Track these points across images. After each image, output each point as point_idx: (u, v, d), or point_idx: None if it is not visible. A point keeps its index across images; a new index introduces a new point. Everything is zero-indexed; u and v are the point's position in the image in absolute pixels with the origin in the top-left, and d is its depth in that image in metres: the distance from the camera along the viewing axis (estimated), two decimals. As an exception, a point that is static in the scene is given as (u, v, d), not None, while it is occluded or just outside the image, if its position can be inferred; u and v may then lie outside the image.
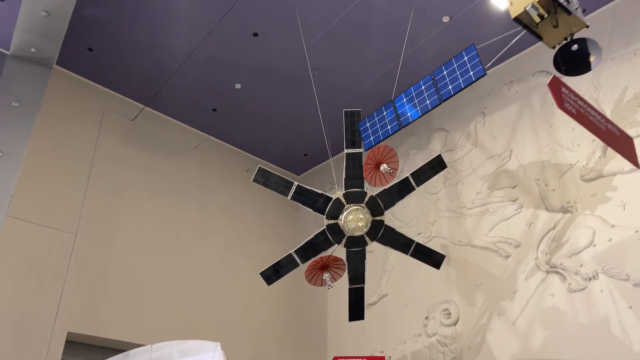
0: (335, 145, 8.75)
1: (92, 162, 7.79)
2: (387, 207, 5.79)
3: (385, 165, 5.54)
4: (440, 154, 5.85)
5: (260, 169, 5.63)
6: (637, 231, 5.69)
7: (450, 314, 7.20)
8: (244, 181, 9.89)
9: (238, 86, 8.39)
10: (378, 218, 5.76)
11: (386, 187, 5.75)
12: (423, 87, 4.54)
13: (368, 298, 8.27)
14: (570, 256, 6.20)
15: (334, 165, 7.14)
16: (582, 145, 6.52)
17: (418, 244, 5.95)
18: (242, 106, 8.86)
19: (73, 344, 6.93)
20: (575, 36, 4.42)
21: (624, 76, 6.37)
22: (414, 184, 5.80)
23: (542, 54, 7.36)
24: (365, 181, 5.66)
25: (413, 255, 5.98)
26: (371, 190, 5.77)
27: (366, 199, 5.69)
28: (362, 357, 6.15)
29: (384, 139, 4.91)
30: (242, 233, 9.46)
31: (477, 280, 7.09)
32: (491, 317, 6.76)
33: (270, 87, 8.41)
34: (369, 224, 5.67)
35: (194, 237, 8.69)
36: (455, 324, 7.11)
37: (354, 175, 5.65)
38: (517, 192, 7.06)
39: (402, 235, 5.91)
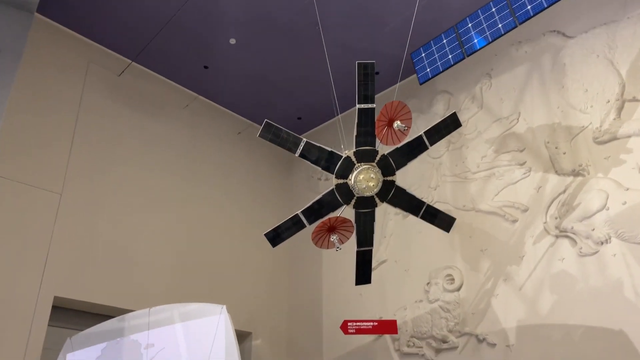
0: (333, 107, 8.45)
1: (77, 117, 7.30)
2: (399, 166, 5.49)
3: (398, 122, 5.25)
4: (455, 112, 5.54)
5: (267, 122, 5.27)
6: (652, 194, 5.55)
7: (453, 279, 7.04)
8: (235, 144, 9.53)
9: (233, 41, 7.92)
10: (389, 178, 5.47)
11: (398, 145, 5.45)
12: (494, 9, 4.03)
13: (366, 264, 8.08)
14: (582, 220, 6.05)
15: (341, 126, 6.80)
16: (596, 107, 6.32)
17: (429, 206, 5.70)
18: (235, 64, 8.41)
19: (60, 309, 6.56)
20: None
21: (641, 35, 6.15)
22: (427, 142, 5.50)
23: (554, 14, 7.10)
24: (376, 140, 5.35)
25: (423, 217, 5.73)
26: (382, 149, 5.47)
27: (377, 158, 5.39)
28: (373, 321, 5.93)
29: (444, 70, 4.49)
30: (234, 197, 9.12)
31: (481, 246, 6.92)
32: (497, 282, 6.62)
33: (267, 43, 7.97)
34: (380, 184, 5.38)
35: (184, 198, 8.31)
36: (458, 289, 6.96)
37: (366, 132, 5.31)
38: (525, 156, 6.86)
39: (413, 197, 5.64)
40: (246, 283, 8.60)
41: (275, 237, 5.49)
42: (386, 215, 8.15)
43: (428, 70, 4.29)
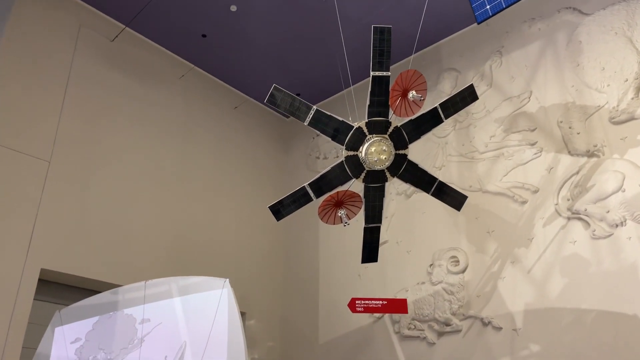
0: (338, 83, 8.13)
1: (67, 82, 6.89)
2: (412, 140, 5.23)
3: (413, 92, 4.97)
4: (472, 84, 5.28)
5: (275, 87, 4.93)
6: (672, 176, 5.36)
7: (458, 261, 6.83)
8: (232, 118, 9.19)
9: (233, 8, 7.54)
10: (401, 152, 5.20)
11: (412, 117, 5.18)
12: None
13: (365, 245, 7.84)
14: (596, 202, 5.85)
15: (353, 97, 6.50)
16: (613, 86, 6.10)
17: (441, 182, 5.44)
18: (235, 33, 8.03)
19: (47, 283, 6.21)
20: None
21: (663, 13, 5.92)
22: (442, 115, 5.24)
23: (569, -11, 6.86)
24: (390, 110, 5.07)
25: (434, 194, 5.48)
26: (395, 120, 5.19)
27: (390, 130, 5.11)
28: (382, 299, 5.69)
29: (507, 7, 4.18)
30: (230, 172, 8.79)
31: (488, 227, 6.71)
32: (504, 265, 6.42)
33: (270, 12, 7.60)
34: (392, 158, 5.11)
35: (178, 172, 7.97)
36: (463, 271, 6.75)
37: (379, 102, 5.01)
38: (536, 135, 6.64)
39: (425, 172, 5.38)
40: (241, 261, 8.31)
41: (280, 210, 5.20)
42: (388, 196, 7.87)
43: (488, 7, 3.94)
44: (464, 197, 5.59)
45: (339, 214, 5.22)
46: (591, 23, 6.50)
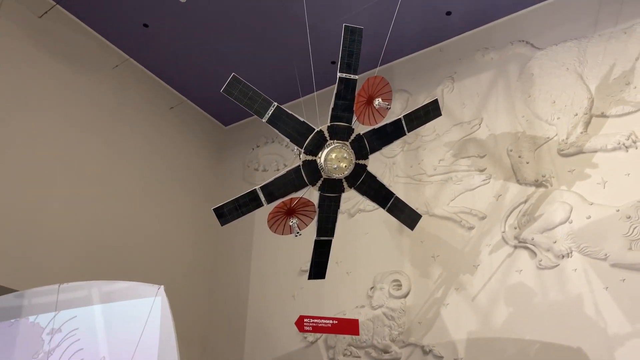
0: (287, 92, 7.72)
1: (-19, 54, 6.01)
2: (373, 150, 4.94)
3: (379, 99, 4.72)
4: (436, 99, 5.12)
5: (234, 77, 4.47)
6: (618, 210, 5.43)
7: (400, 285, 6.56)
8: (166, 119, 8.53)
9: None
10: (361, 162, 4.89)
11: (375, 127, 4.90)
12: None
13: (302, 264, 7.43)
14: (543, 232, 5.83)
15: (301, 109, 6.13)
16: (563, 119, 6.20)
17: (397, 198, 5.18)
18: (181, 28, 7.46)
19: None
20: None
21: (611, 53, 6.13)
22: (405, 128, 5.01)
23: (522, 24, 7.02)
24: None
25: (390, 210, 5.19)
26: (357, 128, 4.88)
27: (352, 137, 4.79)
28: (333, 318, 5.24)
29: None
30: (158, 176, 8.09)
31: (434, 252, 6.52)
32: (448, 291, 6.23)
33: (223, 8, 7.12)
34: (352, 167, 4.78)
35: (102, 168, 7.20)
36: (405, 296, 6.49)
37: (344, 106, 4.70)
38: (485, 162, 6.61)
39: (383, 186, 5.09)
40: (161, 273, 7.51)
41: (226, 213, 4.66)
42: (329, 213, 7.53)
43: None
44: (419, 216, 5.35)
45: (290, 223, 4.78)
46: (543, 57, 6.63)
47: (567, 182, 5.91)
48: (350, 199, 7.35)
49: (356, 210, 7.34)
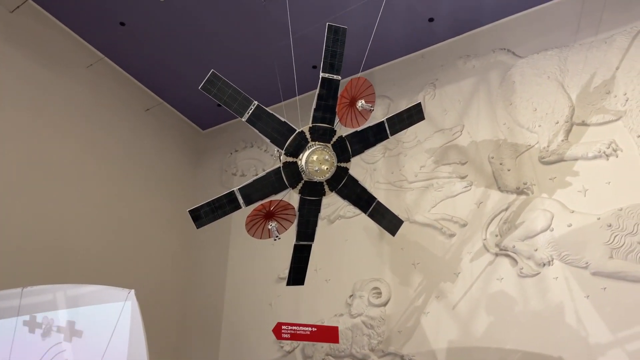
0: (267, 97, 7.56)
1: (-53, 47, 5.74)
2: (355, 153, 4.82)
3: (362, 101, 4.62)
4: (420, 102, 5.04)
5: (213, 73, 4.31)
6: (599, 218, 5.41)
7: (380, 293, 6.44)
8: (141, 121, 8.31)
9: (162, -3, 6.83)
10: (343, 165, 4.77)
11: (357, 129, 4.79)
12: None
13: (280, 272, 7.27)
14: (524, 239, 5.78)
15: (282, 113, 5.98)
16: (544, 127, 6.19)
17: (379, 203, 5.06)
18: (159, 27, 7.27)
19: None
20: None
21: (592, 62, 6.16)
22: (388, 131, 4.91)
23: (504, 32, 7.03)
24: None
25: (371, 215, 5.07)
26: (340, 130, 4.77)
27: (334, 139, 4.67)
28: (312, 325, 5.06)
29: None
30: (131, 179, 7.85)
31: (414, 259, 6.42)
32: (428, 299, 6.13)
33: (204, 7, 6.96)
34: (333, 170, 4.65)
35: (72, 169, 6.94)
36: (385, 304, 6.37)
37: (327, 107, 4.58)
38: (467, 169, 6.55)
39: (365, 190, 4.97)
40: (133, 279, 7.26)
41: (202, 215, 4.47)
42: (308, 220, 7.38)
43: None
44: (401, 222, 5.24)
45: (269, 227, 4.62)
46: (524, 65, 6.63)
47: (548, 189, 5.89)
48: (330, 205, 7.23)
49: (336, 217, 7.22)
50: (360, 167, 7.28)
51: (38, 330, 3.60)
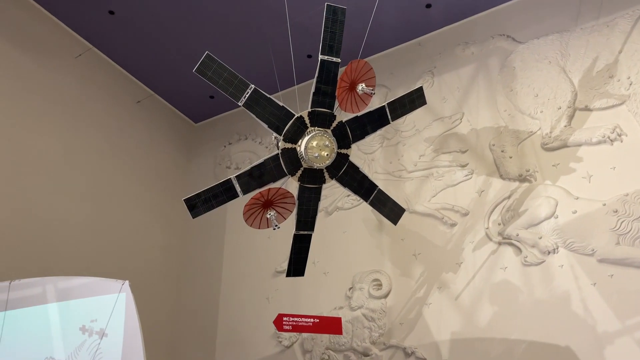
0: (263, 87, 7.36)
1: None
2: (356, 139, 4.67)
3: (363, 84, 4.46)
4: (421, 87, 4.89)
5: (208, 55, 4.13)
6: (604, 204, 5.29)
7: (380, 285, 6.29)
8: (132, 113, 8.09)
9: (153, -15, 6.64)
10: (344, 151, 4.61)
11: (357, 114, 4.63)
12: None
13: (277, 265, 7.10)
14: (528, 227, 5.65)
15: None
16: (546, 113, 6.06)
17: (380, 191, 4.91)
18: (150, 15, 7.05)
19: None
20: None
21: (594, 46, 6.03)
22: (389, 116, 4.76)
23: (502, 18, 6.90)
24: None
25: (372, 203, 4.92)
26: (340, 115, 4.61)
27: (334, 124, 4.51)
28: (314, 317, 4.90)
29: None
30: (122, 172, 7.62)
31: (415, 250, 6.27)
32: (430, 290, 5.99)
33: (197, -6, 6.76)
34: (334, 156, 4.49)
35: (63, 162, 6.73)
36: (385, 296, 6.22)
37: (325, 91, 4.42)
38: (467, 157, 6.42)
39: (365, 178, 4.82)
40: (126, 273, 7.00)
41: (198, 205, 4.30)
42: (305, 211, 7.22)
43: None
44: (402, 210, 5.10)
45: (268, 216, 4.44)
46: (525, 51, 6.50)
47: (552, 176, 5.76)
48: (328, 196, 7.07)
49: (334, 208, 7.06)
50: (358, 158, 7.11)
51: (17, 327, 3.41)
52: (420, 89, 4.89)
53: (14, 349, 3.27)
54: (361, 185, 4.84)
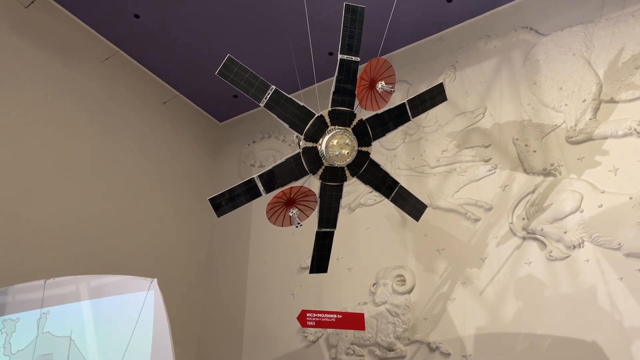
0: (285, 86, 7.46)
1: (-35, 44, 5.75)
2: (376, 137, 4.70)
3: (383, 82, 4.49)
4: (442, 83, 4.89)
5: (230, 58, 4.22)
6: (631, 198, 5.21)
7: (404, 280, 6.32)
8: (159, 114, 8.27)
9: (176, -12, 6.77)
10: (364, 149, 4.65)
11: (377, 112, 4.67)
12: None
13: (302, 261, 7.19)
14: (553, 222, 5.60)
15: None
16: (570, 106, 5.98)
17: (402, 187, 4.94)
18: (175, 19, 7.19)
19: None
20: None
21: (619, 37, 5.92)
22: (410, 113, 4.78)
23: (525, 10, 6.82)
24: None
25: (394, 200, 4.95)
26: (360, 113, 4.65)
27: (354, 123, 4.56)
28: (337, 312, 4.98)
29: None
30: (150, 172, 7.83)
31: (438, 245, 6.28)
32: (454, 285, 5.99)
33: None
34: (354, 154, 4.54)
35: (90, 164, 6.94)
36: (409, 292, 6.25)
37: (345, 90, 4.47)
38: (491, 152, 6.38)
39: (387, 175, 4.85)
40: (155, 271, 7.15)
41: (222, 204, 4.40)
42: (329, 208, 7.29)
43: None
44: (424, 206, 5.12)
45: (290, 214, 4.52)
46: (548, 43, 6.42)
47: (577, 170, 5.69)
48: (351, 193, 7.11)
49: (357, 205, 7.11)
50: (380, 154, 7.14)
51: (55, 322, 3.58)
52: (441, 85, 4.89)
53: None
54: (383, 182, 4.87)
